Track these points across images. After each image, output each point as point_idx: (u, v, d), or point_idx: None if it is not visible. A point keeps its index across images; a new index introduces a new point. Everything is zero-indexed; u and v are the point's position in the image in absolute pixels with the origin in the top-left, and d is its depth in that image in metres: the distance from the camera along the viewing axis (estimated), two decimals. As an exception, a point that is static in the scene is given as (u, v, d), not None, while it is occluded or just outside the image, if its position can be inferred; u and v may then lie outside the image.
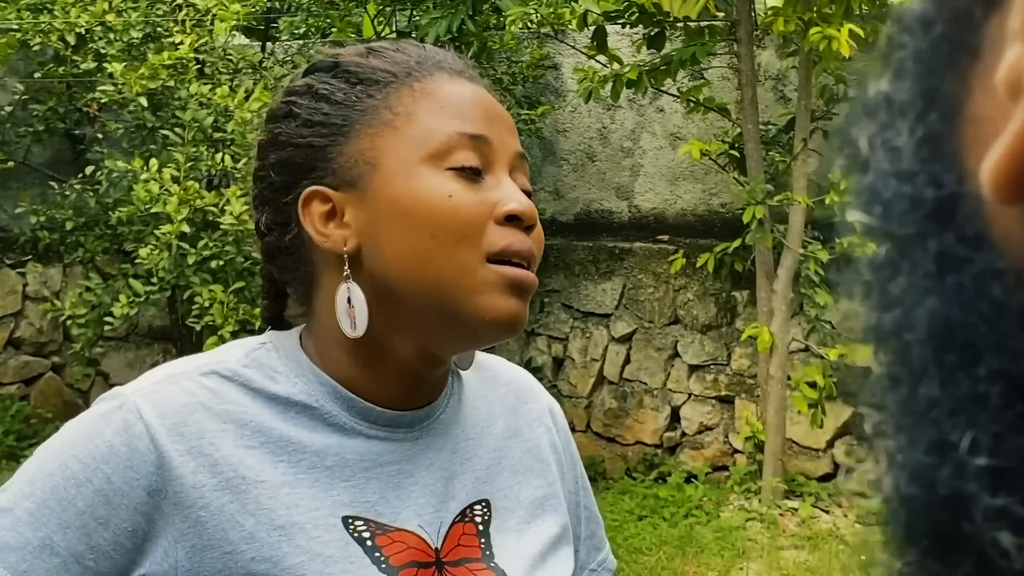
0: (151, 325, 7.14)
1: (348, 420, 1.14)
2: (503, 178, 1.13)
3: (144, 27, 6.00)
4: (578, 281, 6.84)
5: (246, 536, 1.06)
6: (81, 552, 1.05)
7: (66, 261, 6.77)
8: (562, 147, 7.15)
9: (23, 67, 6.71)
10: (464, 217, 1.09)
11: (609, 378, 6.78)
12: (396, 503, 1.14)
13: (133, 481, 1.05)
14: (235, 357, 1.15)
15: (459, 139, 1.11)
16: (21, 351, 7.15)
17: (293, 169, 1.15)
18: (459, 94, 1.14)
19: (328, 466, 1.12)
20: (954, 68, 0.32)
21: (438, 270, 1.09)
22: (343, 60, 1.17)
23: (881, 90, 0.35)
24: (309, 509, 1.09)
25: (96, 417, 1.09)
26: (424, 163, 1.10)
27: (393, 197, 1.10)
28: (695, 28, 5.98)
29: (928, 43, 0.33)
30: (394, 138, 1.11)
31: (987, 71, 0.31)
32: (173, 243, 5.20)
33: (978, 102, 0.31)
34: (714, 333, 6.48)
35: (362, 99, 1.13)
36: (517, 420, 1.30)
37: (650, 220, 6.94)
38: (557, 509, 1.27)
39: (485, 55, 6.77)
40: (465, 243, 1.09)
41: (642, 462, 6.60)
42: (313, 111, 1.14)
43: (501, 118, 1.16)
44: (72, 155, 6.95)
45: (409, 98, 1.12)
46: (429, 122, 1.11)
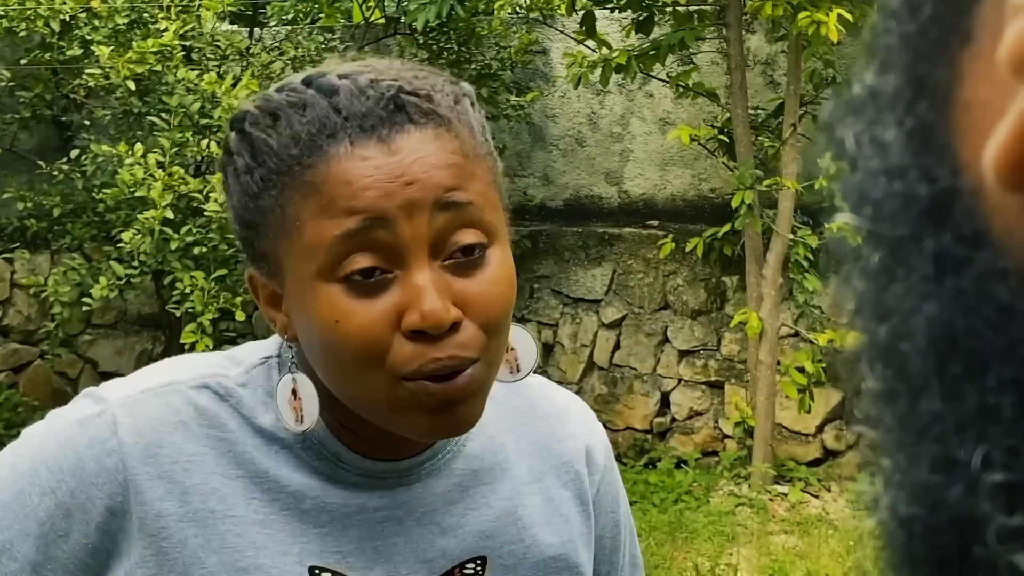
0: (139, 312, 7.12)
1: (334, 469, 1.07)
2: (413, 272, 0.96)
3: (130, 13, 5.97)
4: (567, 267, 6.84)
5: (206, 574, 1.02)
6: (39, 562, 1.02)
7: (53, 248, 6.74)
8: (551, 132, 7.14)
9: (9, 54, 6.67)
10: (356, 343, 0.95)
11: (599, 364, 6.78)
12: (371, 555, 1.07)
13: (96, 499, 1.01)
14: (235, 372, 1.08)
15: (345, 243, 0.94)
16: (9, 339, 7.13)
17: (240, 242, 1.06)
18: (352, 175, 0.95)
19: (304, 510, 1.05)
20: (944, 53, 0.30)
21: (352, 390, 1.00)
22: (251, 123, 1.01)
23: (866, 84, 0.33)
24: (277, 553, 1.04)
25: (73, 422, 1.04)
26: (316, 278, 0.96)
27: (299, 311, 1.00)
28: (684, 13, 5.97)
29: (916, 28, 0.31)
30: (289, 247, 0.98)
31: (981, 54, 0.29)
32: (156, 228, 5.18)
33: (972, 88, 0.29)
34: (704, 319, 6.48)
35: (262, 192, 0.99)
36: (545, 463, 1.18)
37: (640, 205, 6.94)
38: (571, 571, 1.17)
39: (474, 40, 6.75)
40: (368, 366, 0.96)
41: (632, 447, 6.61)
42: (233, 188, 1.03)
43: (414, 180, 0.96)
44: (59, 142, 6.91)
45: (298, 196, 0.96)
46: (315, 229, 0.95)
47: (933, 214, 0.30)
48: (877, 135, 0.32)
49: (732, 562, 5.12)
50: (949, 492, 0.29)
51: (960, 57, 0.30)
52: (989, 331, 0.28)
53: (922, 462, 0.30)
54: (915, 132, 0.31)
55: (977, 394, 0.29)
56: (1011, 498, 0.28)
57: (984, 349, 0.28)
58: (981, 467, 0.28)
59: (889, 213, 0.31)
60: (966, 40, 0.30)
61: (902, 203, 0.31)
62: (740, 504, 5.77)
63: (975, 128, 0.29)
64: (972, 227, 0.29)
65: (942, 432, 0.30)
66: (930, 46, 0.31)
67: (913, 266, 0.31)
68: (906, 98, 0.31)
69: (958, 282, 0.29)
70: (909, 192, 0.31)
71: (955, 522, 0.29)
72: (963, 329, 0.29)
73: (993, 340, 0.28)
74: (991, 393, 0.28)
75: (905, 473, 0.31)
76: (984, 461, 0.28)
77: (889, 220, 0.31)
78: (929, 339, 0.30)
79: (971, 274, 0.29)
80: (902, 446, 0.32)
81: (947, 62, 0.30)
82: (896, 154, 0.31)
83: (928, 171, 0.30)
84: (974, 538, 0.29)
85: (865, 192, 0.32)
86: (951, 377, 0.29)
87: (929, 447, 0.30)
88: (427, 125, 0.98)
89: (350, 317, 0.95)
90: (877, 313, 0.32)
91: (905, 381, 0.31)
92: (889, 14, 0.33)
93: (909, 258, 0.31)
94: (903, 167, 0.31)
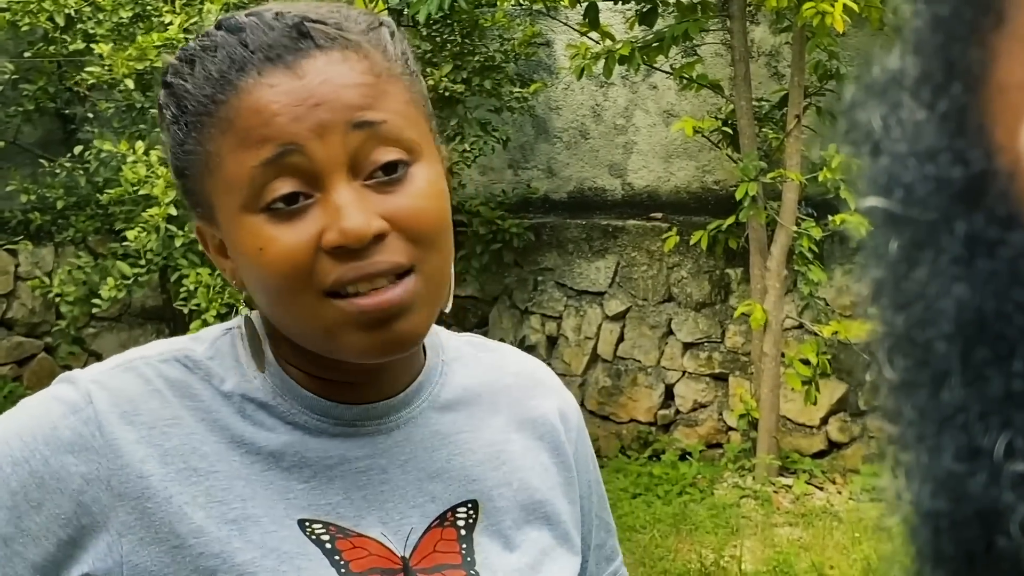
0: (143, 305, 7.12)
1: (310, 419, 1.07)
2: (333, 192, 0.96)
3: (133, 7, 5.96)
4: (571, 259, 6.83)
5: (195, 529, 1.01)
6: (10, 534, 1.00)
7: (57, 241, 6.75)
8: (555, 125, 7.13)
9: (12, 46, 6.67)
10: (279, 266, 0.96)
11: (603, 356, 6.77)
12: (361, 504, 1.07)
13: (71, 466, 1.00)
14: (200, 348, 1.09)
15: (262, 172, 0.96)
16: (14, 332, 7.14)
17: (181, 193, 1.09)
18: (260, 104, 0.96)
19: (285, 467, 1.05)
20: (977, 34, 0.30)
21: (286, 317, 1.01)
22: (172, 74, 1.03)
23: (890, 68, 0.32)
24: (265, 504, 1.03)
25: (47, 398, 1.05)
26: (242, 211, 0.98)
27: (229, 247, 1.02)
28: (688, 4, 5.95)
29: (948, 9, 0.30)
30: (216, 185, 1.00)
31: (1015, 34, 0.28)
32: (161, 225, 5.18)
33: (1006, 69, 0.29)
34: (708, 311, 6.48)
35: (186, 137, 1.01)
36: (521, 415, 1.19)
37: (643, 198, 6.93)
38: (551, 518, 1.17)
39: (477, 32, 6.74)
40: (295, 289, 0.97)
41: (636, 440, 6.61)
42: (166, 141, 1.05)
43: (322, 102, 0.97)
44: (63, 135, 6.92)
45: (216, 132, 0.98)
46: (234, 162, 0.97)
47: (966, 196, 0.30)
48: (905, 118, 0.32)
49: (736, 554, 5.11)
50: (972, 482, 0.29)
51: (993, 38, 0.29)
52: (1020, 314, 0.28)
53: (945, 453, 0.30)
54: (948, 115, 0.30)
55: (1003, 379, 0.28)
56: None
57: (1013, 332, 0.28)
58: (1004, 456, 0.28)
59: (920, 196, 0.31)
60: (999, 21, 0.29)
61: (935, 186, 0.30)
62: (744, 496, 5.76)
63: (1010, 110, 0.28)
64: (1006, 209, 0.29)
65: (965, 421, 0.29)
66: (962, 27, 0.30)
67: (943, 249, 0.30)
68: (937, 80, 0.31)
69: (990, 264, 0.29)
70: (942, 175, 0.30)
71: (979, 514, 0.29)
72: (992, 312, 0.28)
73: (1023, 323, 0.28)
74: (1018, 379, 0.28)
75: (928, 466, 0.31)
76: (1007, 449, 0.28)
77: (920, 203, 0.31)
78: (957, 324, 0.29)
79: (1004, 256, 0.28)
80: (923, 438, 0.31)
81: (980, 43, 0.29)
82: (928, 137, 0.31)
83: (962, 153, 0.30)
84: (998, 529, 0.28)
85: (895, 175, 0.32)
86: (976, 363, 0.29)
87: (952, 437, 0.29)
88: (333, 48, 0.99)
89: (272, 243, 0.96)
90: (897, 302, 0.32)
91: (927, 370, 0.30)
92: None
93: (939, 241, 0.30)
94: (935, 150, 0.30)
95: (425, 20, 6.04)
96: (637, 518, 5.55)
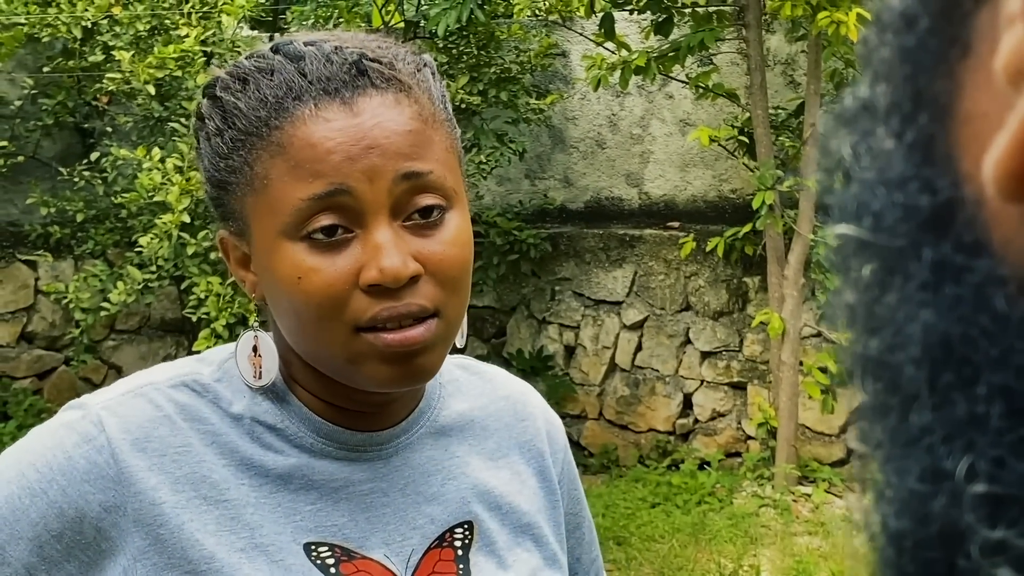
0: (163, 318, 7.15)
1: (316, 442, 1.10)
2: (374, 231, 1.00)
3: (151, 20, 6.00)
4: (589, 269, 6.84)
5: (206, 556, 1.03)
6: (33, 564, 1.03)
7: (77, 253, 6.78)
8: (571, 135, 7.14)
9: (32, 61, 6.72)
10: (316, 297, 1.00)
11: (621, 365, 6.77)
12: (365, 527, 1.10)
13: (88, 495, 1.03)
14: (207, 370, 1.11)
15: (309, 205, 0.99)
16: (34, 345, 7.17)
17: (211, 202, 1.10)
18: (316, 137, 0.99)
19: (292, 490, 1.08)
20: (943, 64, 0.30)
21: (312, 344, 1.04)
22: (222, 88, 1.06)
23: (860, 96, 0.33)
24: (273, 532, 1.06)
25: (59, 427, 1.06)
26: (281, 236, 1.01)
27: (264, 267, 1.04)
28: (703, 14, 5.96)
29: (914, 40, 0.31)
30: (257, 205, 1.02)
31: (980, 65, 0.29)
32: (174, 232, 5.20)
33: (971, 99, 0.29)
34: (726, 319, 6.47)
35: (231, 152, 1.03)
36: (509, 440, 1.23)
37: (660, 207, 6.93)
38: (539, 539, 1.21)
39: (493, 44, 6.76)
40: (327, 319, 1.00)
41: (655, 449, 6.60)
42: (204, 151, 1.07)
43: (376, 147, 1.00)
44: (82, 148, 6.95)
45: (266, 155, 1.01)
46: (282, 188, 1.00)
47: (934, 224, 0.30)
48: (874, 146, 0.32)
49: (755, 563, 5.10)
50: (935, 504, 0.29)
51: (959, 69, 0.30)
52: (984, 339, 0.28)
53: (910, 474, 0.30)
54: (916, 144, 0.31)
55: (967, 403, 0.28)
56: (994, 510, 0.28)
57: (977, 357, 0.28)
58: (966, 478, 0.28)
59: (889, 223, 0.31)
60: (964, 51, 0.30)
61: (903, 213, 0.31)
62: (763, 505, 5.75)
63: (975, 139, 0.29)
64: (972, 236, 0.29)
65: (931, 443, 0.29)
66: (929, 58, 0.31)
67: (911, 275, 0.31)
68: (905, 110, 0.31)
69: (956, 290, 0.29)
70: (910, 202, 0.31)
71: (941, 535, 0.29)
72: (958, 337, 0.29)
73: (987, 348, 0.28)
74: (981, 402, 0.28)
75: (894, 487, 0.31)
76: (969, 472, 0.28)
77: (889, 230, 0.31)
78: (924, 348, 0.30)
79: (970, 282, 0.29)
80: (891, 459, 0.32)
81: (946, 74, 0.30)
82: (896, 165, 0.31)
83: (929, 182, 0.30)
84: (959, 551, 0.28)
85: (864, 203, 0.32)
86: (943, 387, 0.29)
87: (917, 459, 0.30)
88: (388, 90, 1.02)
89: (312, 273, 0.99)
90: (869, 326, 0.32)
91: (896, 394, 0.31)
92: (885, 27, 0.33)
93: (907, 267, 0.31)
94: (904, 178, 0.31)
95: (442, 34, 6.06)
96: (656, 528, 5.55)
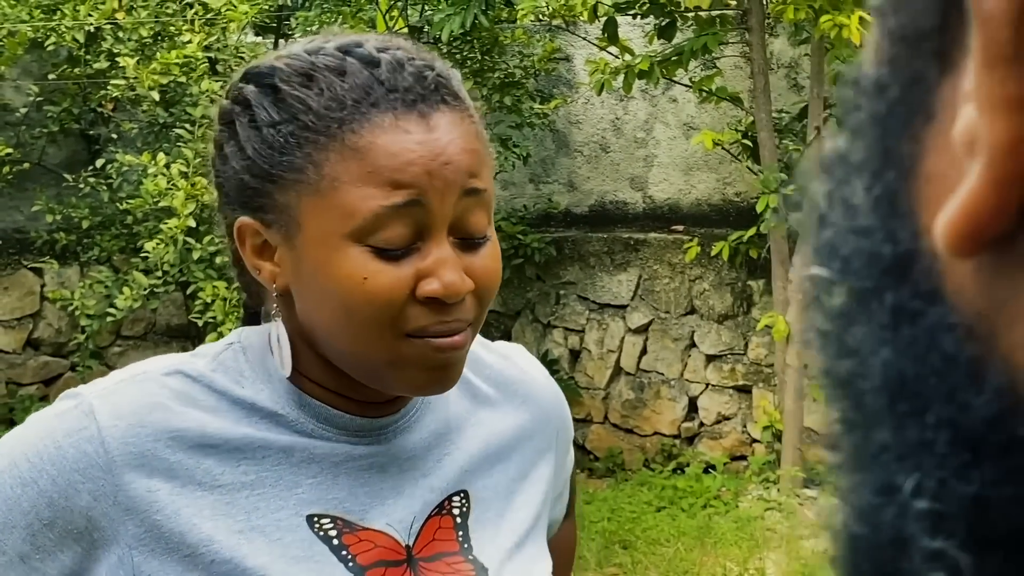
0: (168, 324, 7.16)
1: (315, 427, 1.11)
2: (434, 246, 1.03)
3: (154, 25, 6.01)
4: (593, 273, 6.84)
5: (204, 539, 1.04)
6: (27, 552, 1.04)
7: (83, 260, 6.79)
8: (575, 139, 7.15)
9: (37, 69, 6.73)
10: (378, 301, 1.02)
11: (626, 369, 6.77)
12: (365, 500, 1.12)
13: (78, 484, 1.03)
14: (202, 363, 1.11)
15: (387, 213, 1.01)
16: (40, 352, 7.18)
17: (232, 192, 1.09)
18: (396, 147, 1.01)
19: (294, 463, 1.09)
20: (910, 129, 0.33)
21: (355, 343, 1.05)
22: (281, 80, 1.05)
23: (838, 147, 0.36)
24: (271, 510, 1.08)
25: (51, 416, 1.07)
26: (346, 238, 1.01)
27: (314, 265, 1.04)
28: (706, 18, 5.96)
29: (884, 106, 0.34)
30: (318, 204, 1.02)
31: (941, 131, 0.32)
32: (179, 238, 5.21)
33: (933, 161, 0.32)
34: (730, 323, 6.47)
35: (290, 147, 1.03)
36: (507, 397, 1.25)
37: (665, 210, 6.94)
38: (529, 502, 1.24)
39: (497, 49, 6.77)
40: (381, 322, 1.03)
41: (660, 453, 6.60)
42: (247, 137, 1.06)
43: (450, 163, 1.02)
44: (87, 155, 6.96)
45: (337, 158, 1.01)
46: (355, 194, 1.01)
47: (894, 271, 0.33)
48: (846, 197, 0.35)
49: (761, 567, 5.10)
50: (886, 513, 0.33)
51: (923, 133, 0.33)
52: (934, 377, 0.32)
53: (868, 486, 0.34)
54: (882, 198, 0.34)
55: (918, 429, 0.32)
56: (934, 523, 0.32)
57: (928, 391, 0.32)
58: (911, 494, 0.32)
59: (855, 268, 0.34)
60: (929, 118, 0.32)
61: (867, 260, 0.34)
62: (769, 508, 5.75)
63: (934, 198, 0.32)
64: (928, 285, 0.32)
65: (887, 461, 0.33)
66: (897, 122, 0.33)
67: (873, 315, 0.33)
68: (874, 167, 0.34)
69: (912, 332, 0.32)
70: (874, 250, 0.34)
71: (891, 542, 0.33)
72: (912, 374, 0.32)
73: (936, 384, 0.32)
74: (929, 430, 0.31)
75: (856, 495, 0.35)
76: (915, 489, 0.32)
77: (855, 274, 0.34)
78: (883, 379, 0.33)
79: (923, 326, 0.32)
80: (854, 471, 0.35)
81: (912, 137, 0.33)
82: (864, 216, 0.34)
83: (892, 233, 0.33)
84: (905, 557, 0.32)
85: (835, 247, 0.35)
86: (898, 414, 0.33)
87: (875, 473, 0.34)
88: (456, 108, 1.05)
89: (377, 277, 1.01)
90: (839, 352, 0.35)
91: (861, 413, 0.34)
92: (860, 91, 0.36)
93: (870, 308, 0.34)
94: (870, 228, 0.34)
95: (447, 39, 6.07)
96: (661, 531, 5.55)
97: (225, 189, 1.11)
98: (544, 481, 1.27)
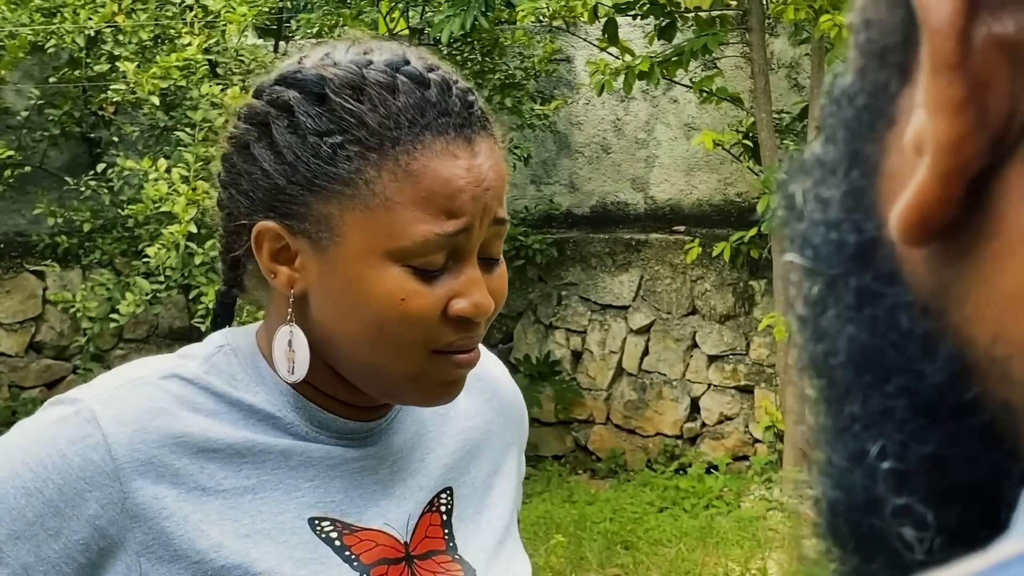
0: (171, 327, 7.16)
1: (309, 431, 1.12)
2: (467, 267, 1.06)
3: (154, 28, 6.02)
4: (595, 274, 6.84)
5: (214, 544, 1.04)
6: (30, 563, 1.02)
7: (84, 263, 6.80)
8: (576, 140, 7.15)
9: (38, 72, 6.74)
10: (412, 319, 1.04)
11: (628, 370, 6.78)
12: (360, 502, 1.13)
13: (85, 492, 1.02)
14: (193, 365, 1.11)
15: (438, 240, 1.03)
16: (42, 355, 7.18)
17: (256, 193, 1.08)
18: (448, 173, 1.02)
19: (293, 466, 1.10)
20: (874, 132, 0.38)
21: (382, 356, 1.06)
22: (332, 90, 1.04)
23: (815, 152, 0.41)
24: (274, 514, 1.08)
25: (51, 423, 1.05)
26: (387, 256, 1.03)
27: (349, 278, 1.04)
28: (706, 18, 5.96)
29: (853, 112, 0.39)
30: (365, 219, 1.03)
31: (899, 135, 0.37)
32: (181, 242, 5.22)
33: (892, 161, 0.37)
34: (732, 323, 6.47)
35: (338, 159, 1.02)
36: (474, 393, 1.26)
37: (666, 211, 6.94)
38: (504, 498, 1.26)
39: (497, 50, 6.77)
40: (411, 339, 1.05)
41: (662, 453, 6.60)
42: (287, 143, 1.05)
43: (489, 189, 1.05)
44: (89, 159, 6.97)
45: (390, 177, 1.02)
46: (406, 216, 1.02)
47: (859, 258, 0.38)
48: (820, 193, 0.40)
49: (763, 567, 5.10)
50: (857, 476, 0.38)
51: (885, 137, 0.37)
52: (893, 350, 0.37)
53: (840, 454, 0.39)
54: (849, 194, 0.39)
55: (881, 399, 0.37)
56: (899, 482, 0.36)
57: (888, 363, 0.37)
58: (877, 457, 0.37)
59: (825, 256, 0.39)
60: (890, 123, 0.37)
61: (836, 248, 0.39)
62: (771, 509, 5.75)
63: (892, 193, 0.37)
64: (887, 269, 0.37)
65: (856, 430, 0.38)
66: (863, 127, 0.39)
67: (841, 297, 0.39)
68: (844, 167, 0.39)
69: (873, 311, 0.37)
70: (842, 240, 0.39)
71: (863, 502, 0.37)
72: (874, 347, 0.37)
73: (895, 357, 0.36)
74: (890, 398, 0.37)
75: (831, 463, 0.39)
76: (880, 452, 0.37)
77: (825, 261, 0.39)
78: (849, 355, 0.38)
79: (883, 305, 0.37)
80: (829, 442, 0.40)
81: (875, 140, 0.38)
82: (834, 210, 0.39)
83: (857, 225, 0.38)
84: (876, 515, 0.37)
85: (808, 238, 0.40)
86: (863, 385, 0.37)
87: (846, 441, 0.38)
88: (491, 135, 1.08)
89: (415, 297, 1.03)
90: (815, 334, 0.40)
91: (833, 389, 0.39)
92: (833, 100, 0.40)
93: (838, 291, 0.39)
94: (838, 220, 0.39)
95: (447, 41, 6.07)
96: (664, 532, 5.55)
97: (244, 188, 1.09)
98: (513, 475, 1.29)
